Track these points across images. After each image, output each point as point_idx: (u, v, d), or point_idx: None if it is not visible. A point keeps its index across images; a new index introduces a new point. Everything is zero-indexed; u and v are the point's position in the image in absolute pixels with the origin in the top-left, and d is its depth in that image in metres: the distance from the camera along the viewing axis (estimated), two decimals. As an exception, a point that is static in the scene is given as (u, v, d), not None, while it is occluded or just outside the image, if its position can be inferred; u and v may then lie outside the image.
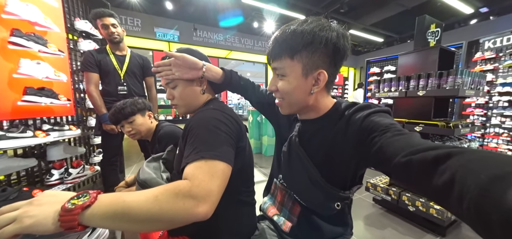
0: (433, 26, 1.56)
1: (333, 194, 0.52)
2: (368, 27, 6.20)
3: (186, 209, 0.38)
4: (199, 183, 0.40)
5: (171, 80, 0.63)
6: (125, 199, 0.37)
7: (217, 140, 0.49)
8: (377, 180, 1.78)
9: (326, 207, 0.53)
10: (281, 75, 0.50)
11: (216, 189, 0.42)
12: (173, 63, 0.60)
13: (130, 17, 5.23)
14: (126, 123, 1.02)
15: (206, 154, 0.45)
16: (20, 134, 1.08)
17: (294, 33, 0.45)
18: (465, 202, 0.21)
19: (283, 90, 0.50)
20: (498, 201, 0.18)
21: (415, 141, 0.33)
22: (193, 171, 0.43)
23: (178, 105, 0.65)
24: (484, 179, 0.20)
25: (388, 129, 0.38)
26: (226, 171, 0.46)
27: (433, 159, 0.27)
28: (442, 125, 1.33)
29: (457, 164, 0.24)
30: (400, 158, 0.31)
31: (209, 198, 0.40)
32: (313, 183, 0.52)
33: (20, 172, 1.34)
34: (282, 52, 0.48)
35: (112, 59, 1.49)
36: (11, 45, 1.13)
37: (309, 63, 0.46)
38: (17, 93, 1.18)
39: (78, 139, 1.83)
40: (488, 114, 3.40)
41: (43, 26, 1.30)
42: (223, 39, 6.43)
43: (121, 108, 1.00)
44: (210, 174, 0.43)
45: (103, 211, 0.36)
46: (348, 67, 8.91)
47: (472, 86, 1.36)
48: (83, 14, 1.92)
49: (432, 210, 1.35)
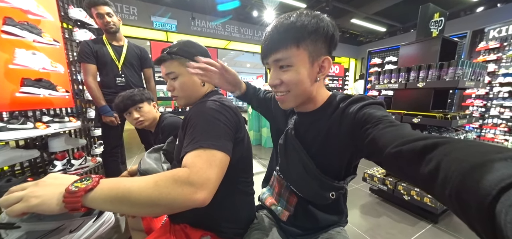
0: (436, 15, 1.52)
1: (328, 184, 0.53)
2: (370, 16, 6.03)
3: (184, 195, 0.39)
4: (198, 170, 0.42)
5: (172, 71, 0.63)
6: (126, 183, 0.39)
7: (215, 130, 0.49)
8: (374, 171, 1.82)
9: (321, 197, 0.55)
10: (287, 66, 0.47)
11: (214, 177, 0.44)
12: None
13: (126, 4, 5.06)
14: (134, 110, 1.03)
15: (204, 144, 0.46)
16: (20, 125, 1.09)
17: (296, 23, 0.45)
18: (447, 189, 0.22)
19: (290, 81, 0.48)
20: (475, 187, 0.19)
21: (406, 132, 0.34)
22: (192, 159, 0.44)
23: (178, 96, 0.66)
24: (465, 167, 0.21)
25: (381, 121, 0.39)
26: (224, 160, 0.47)
27: (421, 149, 0.28)
28: (440, 117, 1.33)
29: (443, 153, 0.25)
30: (390, 149, 0.32)
31: (207, 185, 0.42)
32: (308, 174, 0.54)
33: (23, 163, 1.36)
34: (286, 41, 0.46)
35: (109, 50, 1.46)
36: (4, 34, 1.11)
37: (314, 50, 0.47)
38: (15, 84, 1.17)
39: (79, 131, 1.84)
40: (488, 105, 3.39)
41: (36, 14, 1.27)
42: (222, 29, 6.27)
43: (130, 95, 1.02)
44: (208, 162, 0.44)
45: (105, 194, 0.38)
46: (349, 58, 8.76)
47: (472, 77, 1.35)
48: (77, 1, 1.86)
49: (426, 199, 1.39)
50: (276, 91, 0.52)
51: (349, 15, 6.10)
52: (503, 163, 0.19)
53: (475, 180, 0.19)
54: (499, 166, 0.18)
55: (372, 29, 7.16)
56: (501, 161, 0.19)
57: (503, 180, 0.17)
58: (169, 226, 0.65)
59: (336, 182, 0.54)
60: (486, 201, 0.17)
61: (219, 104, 0.55)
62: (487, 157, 0.20)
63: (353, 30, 7.49)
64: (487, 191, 0.17)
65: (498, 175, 0.18)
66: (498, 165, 0.19)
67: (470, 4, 5.35)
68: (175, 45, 0.65)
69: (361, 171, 1.88)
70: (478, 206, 0.18)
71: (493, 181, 0.18)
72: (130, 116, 1.06)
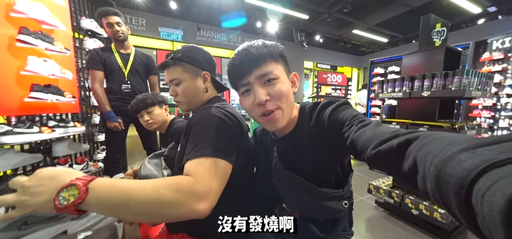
0: (438, 25, 1.53)
1: (337, 196, 0.52)
2: (372, 27, 6.13)
3: (187, 205, 0.38)
4: (201, 180, 0.41)
5: (175, 78, 0.64)
6: (125, 189, 0.37)
7: (218, 138, 0.49)
8: (379, 182, 1.76)
9: (335, 211, 0.53)
10: (274, 79, 0.47)
11: (216, 187, 0.43)
12: None
13: (135, 16, 5.29)
14: (146, 112, 1.09)
15: (207, 151, 0.45)
16: (26, 129, 1.11)
17: (266, 45, 0.49)
18: (427, 185, 0.23)
19: (281, 93, 0.47)
20: (449, 181, 0.20)
21: (378, 131, 0.35)
22: (195, 167, 0.43)
23: (181, 101, 0.66)
24: (438, 161, 0.22)
25: (352, 122, 0.42)
26: (226, 169, 0.47)
27: (397, 147, 0.29)
28: (447, 127, 1.30)
29: (416, 148, 0.26)
30: (370, 151, 0.34)
31: (209, 196, 0.41)
32: (316, 197, 0.52)
33: (26, 167, 1.37)
34: (266, 57, 0.47)
35: (116, 58, 1.51)
36: (19, 43, 1.16)
37: (285, 66, 0.51)
38: (24, 89, 1.21)
39: (83, 136, 1.86)
40: (496, 116, 3.31)
41: (50, 24, 1.33)
42: (226, 39, 6.45)
43: (143, 98, 1.09)
44: (211, 172, 0.43)
45: (100, 201, 0.36)
46: (351, 68, 8.82)
47: (479, 87, 1.33)
48: (89, 13, 1.95)
49: (436, 214, 1.33)
50: (265, 111, 0.48)
51: (351, 26, 6.22)
52: (466, 153, 0.20)
53: (448, 174, 0.20)
54: (463, 157, 0.19)
55: (374, 40, 7.25)
56: (464, 152, 0.20)
57: (471, 172, 0.18)
58: (166, 235, 0.63)
59: (341, 190, 0.53)
60: (462, 195, 0.18)
61: (223, 111, 0.55)
62: (453, 148, 0.21)
63: (355, 41, 7.59)
64: (460, 185, 0.18)
65: (465, 167, 0.19)
66: (463, 156, 0.20)
67: (471, 16, 5.40)
68: (179, 51, 0.65)
69: (366, 183, 1.82)
70: (456, 199, 0.19)
71: (462, 174, 0.18)
72: (142, 118, 1.12)
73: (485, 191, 0.16)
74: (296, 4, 5.05)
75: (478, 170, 0.17)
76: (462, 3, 4.60)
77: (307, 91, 7.84)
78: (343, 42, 7.47)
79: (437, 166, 0.21)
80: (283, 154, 0.57)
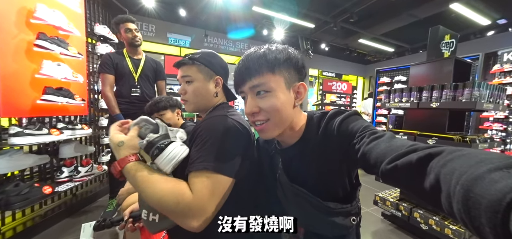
0: (447, 37, 1.52)
1: (344, 211, 0.50)
2: (378, 36, 6.13)
3: (181, 218, 0.45)
4: (200, 199, 0.45)
5: (188, 75, 0.64)
6: (142, 182, 0.46)
7: (223, 151, 0.49)
8: (386, 194, 1.70)
9: (343, 228, 0.50)
10: (265, 91, 0.46)
11: (213, 209, 0.46)
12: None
13: (146, 23, 5.49)
14: (157, 115, 1.13)
15: (210, 165, 0.47)
16: (36, 131, 1.14)
17: (268, 51, 0.47)
18: (454, 205, 0.21)
19: (271, 107, 0.46)
20: (481, 203, 0.18)
21: (394, 144, 0.34)
22: (198, 185, 0.46)
23: (188, 101, 0.65)
24: (466, 180, 0.20)
25: (364, 134, 0.40)
26: (227, 186, 0.48)
27: (417, 162, 0.28)
28: (458, 139, 1.26)
29: (439, 164, 0.25)
30: (385, 165, 0.32)
31: (204, 215, 0.44)
32: (321, 212, 0.49)
33: (33, 168, 1.40)
34: (262, 68, 0.46)
35: (128, 62, 1.56)
36: (36, 48, 1.22)
37: (288, 76, 0.48)
38: (37, 92, 1.26)
39: (89, 138, 1.90)
40: (509, 129, 3.19)
41: (66, 30, 1.39)
42: (233, 47, 6.57)
43: (156, 101, 1.15)
44: (211, 192, 0.46)
45: (130, 177, 0.48)
46: (357, 76, 8.77)
47: (490, 99, 1.29)
48: (103, 20, 2.04)
49: (447, 230, 1.26)
50: (254, 120, 0.48)
51: (356, 35, 6.23)
52: (499, 173, 0.18)
53: (479, 195, 0.18)
54: (496, 177, 0.18)
55: (380, 49, 7.23)
56: (497, 171, 0.19)
57: (507, 194, 0.16)
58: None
59: (349, 206, 0.50)
60: (497, 220, 0.17)
61: (230, 120, 0.55)
62: (483, 167, 0.20)
63: (360, 50, 7.59)
64: (495, 208, 0.17)
65: (499, 188, 0.17)
66: (495, 175, 0.18)
67: (481, 28, 5.32)
68: (198, 53, 0.66)
69: (372, 194, 1.76)
70: (490, 224, 0.17)
71: (497, 196, 0.17)
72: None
73: None
74: (302, 14, 5.13)
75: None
76: (470, 15, 4.55)
77: (311, 98, 7.81)
78: (349, 50, 7.47)
79: (464, 185, 0.20)
80: (288, 165, 0.55)
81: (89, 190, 1.84)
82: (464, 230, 1.23)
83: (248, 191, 0.62)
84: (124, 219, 0.67)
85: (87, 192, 1.80)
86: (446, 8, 4.37)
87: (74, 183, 1.45)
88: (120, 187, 1.62)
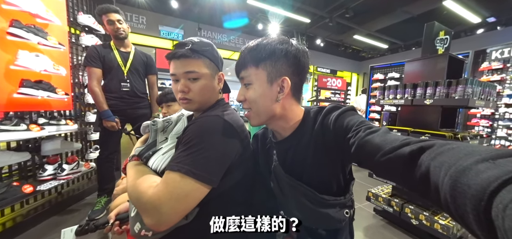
0: (442, 33, 1.52)
1: (338, 203, 0.50)
2: (373, 32, 6.17)
3: (141, 213, 0.46)
4: (156, 198, 0.43)
5: (193, 70, 0.54)
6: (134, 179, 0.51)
7: (205, 156, 0.46)
8: (378, 190, 1.73)
9: (335, 221, 0.51)
10: (248, 84, 0.51)
11: (168, 210, 0.43)
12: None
13: (136, 14, 5.25)
14: (166, 105, 1.18)
15: (183, 168, 0.44)
16: (13, 127, 1.06)
17: (258, 45, 0.50)
18: (441, 195, 0.22)
19: (250, 99, 0.51)
20: (467, 192, 0.19)
21: (388, 138, 0.34)
22: (160, 185, 0.45)
23: (192, 100, 0.56)
24: (454, 171, 0.21)
25: (359, 128, 0.40)
26: (196, 192, 0.45)
27: (409, 155, 0.29)
28: (450, 136, 1.28)
29: (429, 157, 0.25)
30: (379, 158, 0.33)
31: (157, 215, 0.43)
32: (314, 203, 0.50)
33: (12, 166, 1.31)
34: (247, 62, 0.50)
35: (116, 55, 1.47)
36: (10, 36, 1.11)
37: (273, 71, 0.49)
38: (13, 85, 1.16)
39: (75, 135, 1.80)
40: (494, 125, 3.32)
41: (44, 18, 1.29)
42: (227, 40, 6.43)
43: (166, 92, 1.19)
44: (170, 193, 0.43)
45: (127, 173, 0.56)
46: (351, 73, 8.85)
47: (482, 96, 1.30)
48: (87, 8, 1.91)
49: (436, 225, 1.29)
50: (243, 107, 0.54)
51: (352, 31, 6.25)
52: (485, 164, 0.19)
53: (466, 184, 0.19)
54: (482, 168, 0.19)
55: (374, 46, 7.29)
56: (483, 163, 0.19)
57: (491, 183, 0.17)
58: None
59: (343, 198, 0.51)
60: (480, 207, 0.17)
61: (224, 121, 0.51)
62: (471, 159, 0.20)
63: (355, 46, 7.63)
64: (479, 196, 0.18)
65: (484, 178, 0.18)
66: (482, 166, 0.19)
67: (471, 26, 5.45)
68: (202, 44, 0.56)
69: (365, 190, 1.79)
70: (474, 212, 0.18)
71: (482, 185, 0.18)
72: (162, 109, 1.21)
73: (507, 204, 0.15)
74: (298, 8, 5.06)
75: (499, 181, 0.16)
76: (462, 12, 4.64)
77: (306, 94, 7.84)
78: (344, 47, 7.50)
79: (452, 176, 0.20)
80: (283, 158, 0.55)
81: (76, 188, 1.76)
82: (452, 224, 1.27)
83: (242, 190, 0.60)
84: (109, 222, 0.63)
85: (74, 190, 1.72)
86: (439, 5, 4.42)
87: (59, 181, 1.38)
88: (110, 184, 1.57)
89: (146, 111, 1.61)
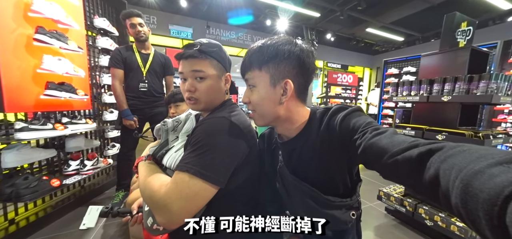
0: (464, 24, 1.41)
1: (344, 205, 0.50)
2: (387, 25, 5.83)
3: (153, 211, 0.48)
4: (167, 197, 0.45)
5: (201, 70, 0.56)
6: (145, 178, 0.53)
7: (213, 157, 0.48)
8: (390, 189, 1.67)
9: (342, 223, 0.50)
10: (252, 86, 0.51)
11: (178, 209, 0.45)
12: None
13: (147, 14, 5.41)
14: (174, 105, 1.19)
15: (191, 169, 0.46)
16: (41, 126, 1.16)
17: (261, 47, 0.49)
18: (452, 199, 0.21)
19: (253, 101, 0.51)
20: (479, 197, 0.18)
21: (395, 139, 0.34)
22: (170, 184, 0.47)
23: (199, 99, 0.58)
24: (465, 175, 0.20)
25: (366, 129, 0.40)
26: (204, 192, 0.47)
27: (417, 157, 0.28)
28: (470, 135, 1.20)
29: (439, 160, 0.25)
30: (386, 160, 0.32)
31: (167, 213, 0.45)
32: (319, 205, 0.50)
33: (41, 161, 1.44)
34: (251, 64, 0.50)
35: (137, 57, 1.55)
36: (36, 42, 1.21)
37: (275, 73, 0.48)
38: (40, 87, 1.27)
39: (94, 133, 1.93)
40: (525, 122, 3.03)
41: (65, 24, 1.38)
42: (235, 37, 6.43)
43: (175, 93, 1.21)
44: (180, 192, 0.45)
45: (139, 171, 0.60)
46: (363, 68, 8.48)
47: (508, 92, 1.20)
48: (102, 12, 2.01)
49: (453, 227, 1.23)
50: (248, 109, 0.55)
51: (364, 24, 5.96)
52: (499, 167, 0.18)
53: (478, 188, 0.18)
54: (496, 171, 0.18)
55: (388, 39, 6.91)
56: (497, 166, 0.19)
57: (505, 188, 0.17)
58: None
59: (349, 199, 0.50)
60: (494, 212, 0.17)
61: (231, 122, 0.52)
62: (483, 162, 0.20)
63: (368, 39, 7.28)
64: (493, 201, 0.17)
65: (498, 182, 0.17)
66: (495, 170, 0.18)
67: (501, 13, 4.96)
68: (210, 45, 0.58)
69: (376, 188, 1.74)
70: (487, 217, 0.17)
71: (495, 190, 0.17)
72: (170, 109, 1.23)
73: None
74: (307, 2, 4.91)
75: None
76: (489, -2, 4.23)
77: (316, 91, 7.66)
78: (356, 40, 7.18)
79: (463, 180, 0.20)
80: (288, 159, 0.55)
81: (96, 182, 1.90)
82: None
83: (249, 190, 0.61)
84: (132, 213, 0.68)
85: (95, 184, 1.85)
86: (463, -8, 4.07)
87: (81, 176, 1.49)
88: (128, 180, 1.66)
89: (162, 109, 1.69)
